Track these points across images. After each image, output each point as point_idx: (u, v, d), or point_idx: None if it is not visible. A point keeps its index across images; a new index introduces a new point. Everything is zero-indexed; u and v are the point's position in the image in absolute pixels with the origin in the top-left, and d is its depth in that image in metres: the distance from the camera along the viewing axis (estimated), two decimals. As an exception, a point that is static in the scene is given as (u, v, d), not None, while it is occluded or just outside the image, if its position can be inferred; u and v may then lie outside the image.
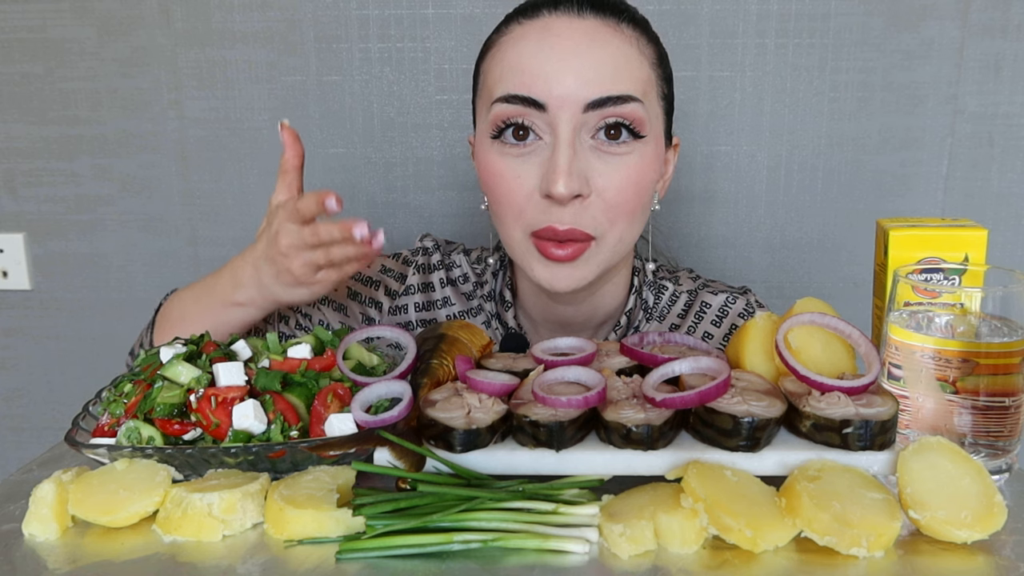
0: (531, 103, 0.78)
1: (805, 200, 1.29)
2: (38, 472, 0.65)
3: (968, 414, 0.58)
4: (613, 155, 0.80)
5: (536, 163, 0.80)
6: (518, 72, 0.79)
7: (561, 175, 0.76)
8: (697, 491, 0.52)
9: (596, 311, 0.93)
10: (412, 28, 1.28)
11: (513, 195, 0.81)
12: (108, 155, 1.37)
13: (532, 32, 0.80)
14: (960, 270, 0.65)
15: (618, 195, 0.80)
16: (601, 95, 0.77)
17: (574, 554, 0.51)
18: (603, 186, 0.79)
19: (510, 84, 0.79)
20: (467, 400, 0.61)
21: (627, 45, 0.80)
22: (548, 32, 0.79)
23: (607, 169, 0.80)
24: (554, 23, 0.80)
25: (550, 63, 0.78)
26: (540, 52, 0.79)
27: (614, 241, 0.83)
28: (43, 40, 1.34)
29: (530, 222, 0.81)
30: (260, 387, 0.64)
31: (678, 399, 0.57)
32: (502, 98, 0.80)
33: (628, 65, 0.80)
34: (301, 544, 0.53)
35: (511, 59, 0.80)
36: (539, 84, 0.78)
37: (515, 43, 0.81)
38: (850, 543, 0.50)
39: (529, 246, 0.83)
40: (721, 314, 0.94)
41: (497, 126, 0.81)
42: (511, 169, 0.81)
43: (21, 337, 1.47)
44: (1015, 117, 1.24)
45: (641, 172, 0.81)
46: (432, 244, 1.02)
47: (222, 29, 1.30)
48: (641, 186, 0.81)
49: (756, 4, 1.23)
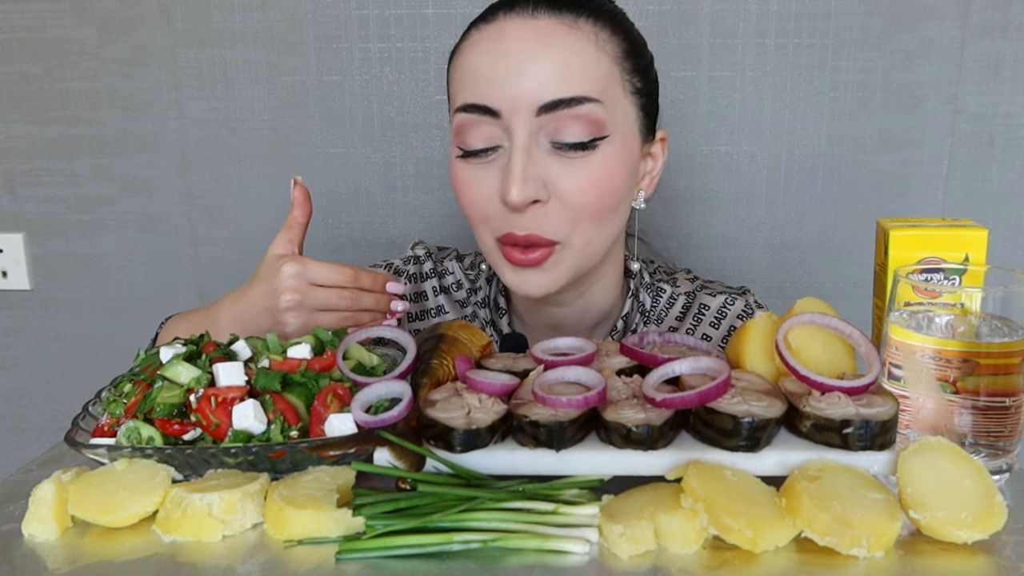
0: (485, 111, 0.78)
1: (805, 200, 1.29)
2: (38, 472, 0.64)
3: (968, 414, 0.58)
4: (573, 158, 0.78)
5: (496, 169, 0.79)
6: (472, 80, 0.79)
7: (515, 183, 0.76)
8: (697, 491, 0.52)
9: (587, 312, 0.93)
10: (412, 28, 1.28)
11: (477, 203, 0.82)
12: (108, 155, 1.37)
13: (487, 37, 0.79)
14: (960, 270, 0.65)
15: (580, 198, 0.78)
16: (554, 97, 0.76)
17: (574, 554, 0.51)
18: (563, 189, 0.78)
19: (468, 93, 0.79)
20: (467, 400, 0.61)
21: (583, 42, 0.78)
22: (502, 36, 0.78)
23: (566, 172, 0.78)
24: (508, 26, 0.78)
25: (502, 68, 0.77)
26: (493, 58, 0.78)
27: (581, 244, 0.81)
28: (43, 40, 1.34)
29: (494, 228, 0.82)
30: (260, 387, 0.64)
31: (678, 399, 0.57)
32: (461, 107, 0.80)
33: (583, 64, 0.77)
34: (301, 544, 0.53)
35: (468, 67, 0.80)
36: (492, 90, 0.77)
37: (472, 50, 0.80)
38: (850, 543, 0.50)
39: (498, 252, 0.83)
40: (720, 315, 0.94)
41: (460, 135, 0.81)
42: (473, 176, 0.81)
43: (21, 337, 1.47)
44: (1015, 117, 1.24)
45: (605, 173, 0.79)
46: (424, 252, 1.01)
47: (222, 29, 1.30)
48: (606, 187, 0.79)
49: (756, 4, 1.23)
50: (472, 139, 0.80)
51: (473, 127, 0.79)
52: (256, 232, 1.38)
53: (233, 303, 0.84)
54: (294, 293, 0.79)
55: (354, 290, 0.82)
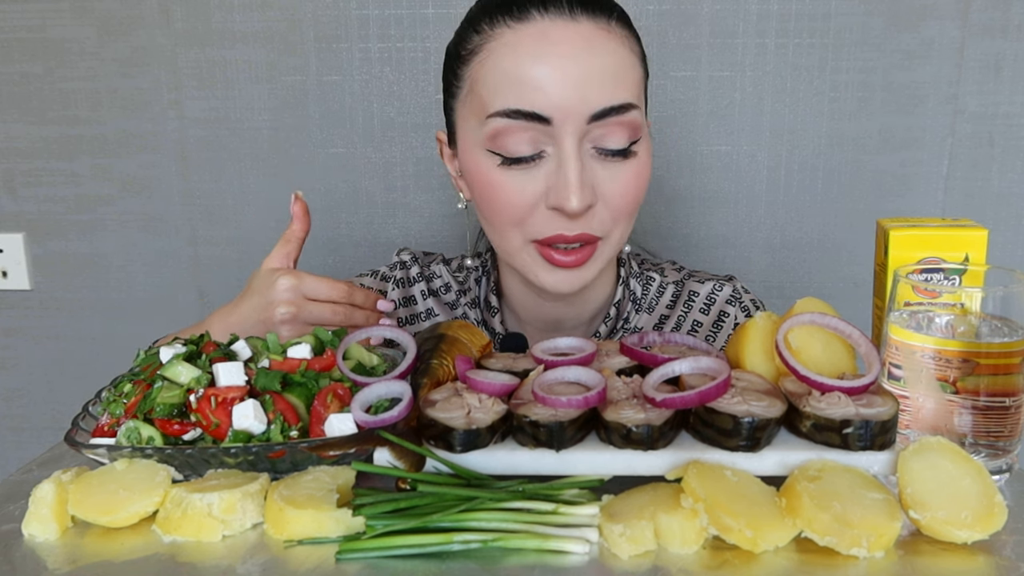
0: (535, 117, 0.76)
1: (805, 200, 1.29)
2: (38, 472, 0.64)
3: (968, 414, 0.58)
4: (614, 162, 0.80)
5: (540, 175, 0.78)
6: (517, 84, 0.76)
7: (574, 191, 0.76)
8: (697, 491, 0.52)
9: (587, 307, 0.94)
10: (412, 28, 1.28)
11: (514, 207, 0.80)
12: (108, 155, 1.37)
13: (527, 39, 0.77)
14: (960, 270, 0.65)
15: (622, 200, 0.81)
16: (604, 106, 0.76)
17: (574, 554, 0.51)
18: (609, 192, 0.80)
19: (510, 98, 0.76)
20: (467, 400, 0.61)
21: (620, 47, 0.79)
22: (545, 39, 0.76)
23: (610, 176, 0.80)
24: (549, 28, 0.76)
25: (551, 73, 0.75)
26: (540, 62, 0.76)
27: (617, 240, 0.84)
28: (43, 40, 1.34)
29: (533, 232, 0.81)
30: (260, 387, 0.64)
31: (678, 399, 0.57)
32: (502, 112, 0.77)
33: (625, 70, 0.78)
34: (301, 544, 0.53)
35: (508, 69, 0.77)
36: (541, 97, 0.75)
37: (510, 51, 0.77)
38: (850, 543, 0.50)
39: (532, 253, 0.83)
40: (709, 302, 0.95)
41: (497, 140, 0.78)
42: (513, 182, 0.79)
43: (21, 337, 1.47)
44: (1015, 117, 1.24)
45: (640, 175, 0.82)
46: (409, 257, 1.01)
47: (222, 29, 1.30)
48: (641, 187, 0.83)
49: (756, 4, 1.23)
50: (514, 144, 0.78)
51: (515, 132, 0.77)
52: (256, 232, 1.38)
53: (224, 317, 0.83)
54: (289, 306, 0.79)
55: (347, 306, 0.82)
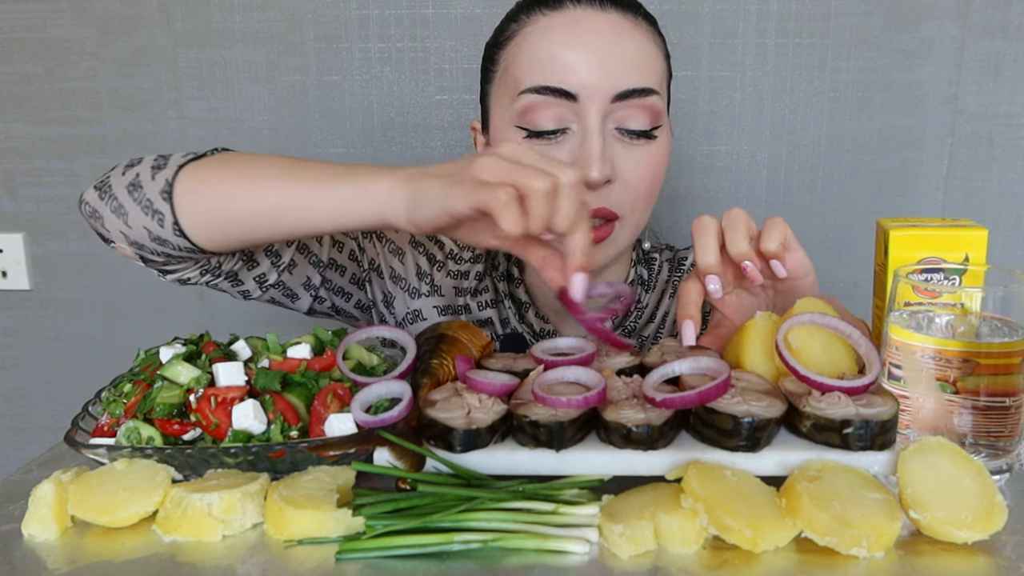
0: (562, 94, 0.80)
1: (805, 200, 1.29)
2: (38, 472, 0.64)
3: (968, 414, 0.58)
4: (635, 144, 0.83)
5: (565, 150, 0.82)
6: (549, 63, 0.81)
7: (595, 161, 0.79)
8: (697, 491, 0.52)
9: None
10: (412, 28, 1.28)
11: None
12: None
13: (560, 24, 0.82)
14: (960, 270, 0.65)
15: (640, 182, 0.84)
16: (628, 87, 0.81)
17: (574, 554, 0.51)
18: (627, 172, 0.83)
19: (540, 75, 0.81)
20: (467, 400, 0.61)
21: (646, 39, 0.84)
22: (577, 25, 0.82)
23: (630, 157, 0.83)
24: (582, 16, 0.82)
25: (580, 55, 0.80)
26: (571, 44, 0.81)
27: (634, 225, 0.87)
28: (43, 40, 1.34)
29: None
30: (260, 387, 0.64)
31: (678, 399, 0.57)
32: (532, 89, 0.82)
33: (648, 58, 0.83)
34: (301, 544, 0.53)
35: (541, 50, 0.82)
36: (570, 75, 0.80)
37: (543, 34, 0.83)
38: (850, 543, 0.50)
39: None
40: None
41: (526, 115, 0.82)
42: None
43: (21, 337, 1.47)
44: (1015, 117, 1.24)
45: (658, 160, 0.85)
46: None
47: (222, 29, 1.30)
48: (658, 173, 0.86)
49: (756, 4, 1.23)
50: (541, 119, 0.82)
51: (543, 108, 0.82)
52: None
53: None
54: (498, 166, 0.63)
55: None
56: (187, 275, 0.80)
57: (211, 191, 0.72)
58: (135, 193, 0.73)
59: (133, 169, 0.75)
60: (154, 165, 0.75)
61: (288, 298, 0.90)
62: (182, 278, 0.80)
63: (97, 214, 0.75)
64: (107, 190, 0.75)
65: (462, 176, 0.63)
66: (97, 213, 0.75)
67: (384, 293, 0.97)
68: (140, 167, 0.75)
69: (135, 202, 0.73)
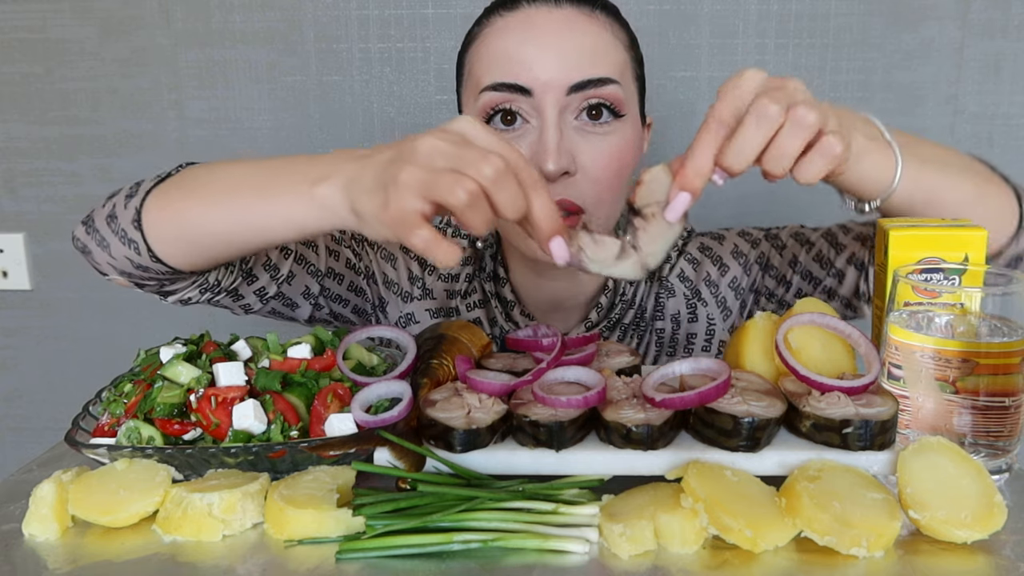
0: (518, 89, 0.81)
1: (805, 200, 1.29)
2: (38, 472, 0.65)
3: (968, 414, 0.58)
4: (596, 134, 0.83)
5: (525, 145, 0.83)
6: (504, 61, 0.83)
7: (550, 154, 0.80)
8: (697, 491, 0.52)
9: (583, 287, 0.96)
10: (412, 28, 1.28)
11: None
12: (108, 155, 1.37)
13: (514, 23, 0.84)
14: (960, 270, 0.65)
15: (602, 171, 0.83)
16: (583, 78, 0.81)
17: (574, 554, 0.51)
18: (588, 163, 0.83)
19: (496, 73, 0.83)
20: (467, 400, 0.61)
21: (603, 31, 0.84)
22: (530, 23, 0.83)
23: (591, 147, 0.83)
24: (535, 14, 0.84)
25: (533, 51, 0.82)
26: (523, 41, 0.82)
27: (603, 218, 0.86)
28: (43, 40, 1.34)
29: None
30: (260, 387, 0.64)
31: (678, 399, 0.57)
32: (490, 87, 0.83)
33: (605, 49, 0.84)
34: (301, 544, 0.53)
35: (496, 49, 0.84)
36: (524, 71, 0.81)
37: (499, 34, 0.84)
38: (850, 543, 0.50)
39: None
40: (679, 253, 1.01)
41: (486, 113, 0.84)
42: None
43: (21, 337, 1.47)
44: (1015, 117, 1.24)
45: (622, 149, 0.85)
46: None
47: (222, 29, 1.30)
48: (623, 163, 0.85)
49: (756, 4, 1.23)
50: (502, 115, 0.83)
51: (502, 104, 0.83)
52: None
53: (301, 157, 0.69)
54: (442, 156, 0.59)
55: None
56: (186, 295, 0.81)
57: (172, 216, 0.72)
58: (112, 224, 0.74)
59: (111, 200, 0.76)
60: (128, 194, 0.75)
61: (288, 307, 0.92)
62: (182, 299, 0.82)
63: (87, 249, 0.77)
64: (91, 224, 0.77)
65: (395, 191, 0.56)
66: (87, 248, 0.77)
67: (378, 298, 0.98)
68: (117, 197, 0.76)
69: (113, 233, 0.74)
